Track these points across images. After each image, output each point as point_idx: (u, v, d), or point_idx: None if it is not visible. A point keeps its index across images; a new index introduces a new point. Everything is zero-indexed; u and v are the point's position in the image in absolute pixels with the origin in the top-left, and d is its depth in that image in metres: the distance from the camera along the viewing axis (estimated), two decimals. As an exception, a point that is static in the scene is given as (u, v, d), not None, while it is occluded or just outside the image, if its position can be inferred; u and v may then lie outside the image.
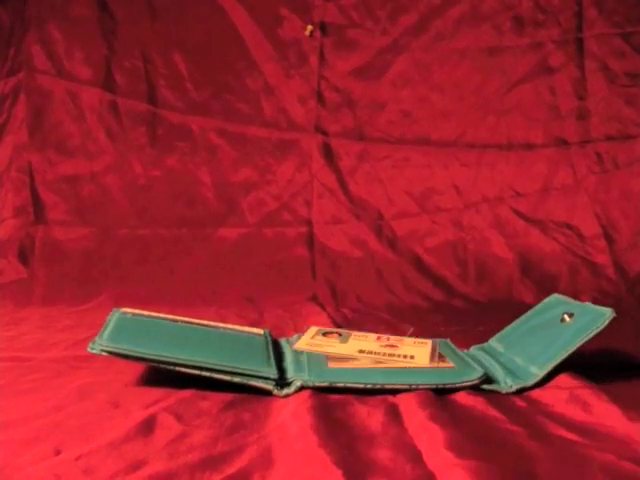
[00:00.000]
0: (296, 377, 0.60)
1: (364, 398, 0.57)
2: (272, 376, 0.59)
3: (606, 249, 1.16)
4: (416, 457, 0.44)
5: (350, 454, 0.44)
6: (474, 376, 0.59)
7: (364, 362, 0.63)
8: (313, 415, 0.51)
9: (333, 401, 0.56)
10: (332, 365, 0.63)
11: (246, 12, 1.32)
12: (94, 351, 0.58)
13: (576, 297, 1.09)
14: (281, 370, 0.62)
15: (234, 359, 0.60)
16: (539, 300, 1.11)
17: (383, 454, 0.45)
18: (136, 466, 0.42)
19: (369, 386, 0.58)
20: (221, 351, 0.62)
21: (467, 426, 0.49)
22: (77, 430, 0.48)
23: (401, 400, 0.56)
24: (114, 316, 0.67)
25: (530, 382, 0.60)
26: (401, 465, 0.43)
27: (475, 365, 0.63)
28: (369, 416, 0.52)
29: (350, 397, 0.57)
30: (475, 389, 0.58)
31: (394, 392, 0.57)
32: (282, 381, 0.60)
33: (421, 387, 0.57)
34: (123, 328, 0.64)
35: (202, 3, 1.33)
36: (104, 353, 0.58)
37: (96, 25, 1.35)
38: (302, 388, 0.58)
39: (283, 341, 0.74)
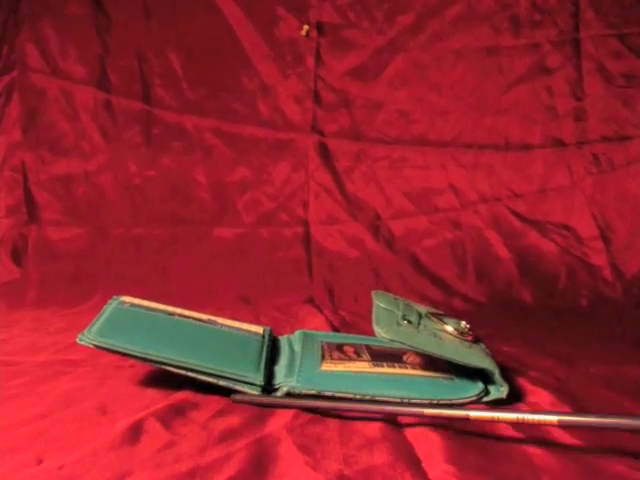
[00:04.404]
0: (283, 383, 0.59)
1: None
2: (257, 382, 0.58)
3: (603, 250, 1.15)
4: (416, 465, 0.43)
5: (345, 463, 0.44)
6: (472, 393, 0.57)
7: (360, 365, 0.62)
8: (307, 422, 0.51)
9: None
10: (325, 367, 0.61)
11: (242, 11, 1.31)
12: (82, 343, 0.58)
13: (574, 299, 1.11)
14: (271, 374, 0.61)
15: (222, 362, 0.59)
16: (538, 300, 1.12)
17: (382, 460, 0.44)
18: (121, 476, 0.41)
19: (358, 396, 0.57)
20: (211, 352, 0.61)
21: (468, 435, 0.48)
22: (61, 438, 0.47)
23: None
24: (111, 306, 0.66)
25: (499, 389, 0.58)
26: (401, 472, 0.42)
27: (476, 379, 0.59)
28: (367, 420, 0.52)
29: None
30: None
31: (385, 403, 0.56)
32: (269, 386, 0.59)
33: (413, 401, 0.56)
34: (115, 321, 0.63)
35: (198, 2, 1.33)
36: (91, 346, 0.58)
37: (91, 24, 1.34)
38: (289, 394, 0.58)
39: (283, 339, 0.73)
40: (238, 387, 0.58)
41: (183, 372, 0.58)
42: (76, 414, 0.53)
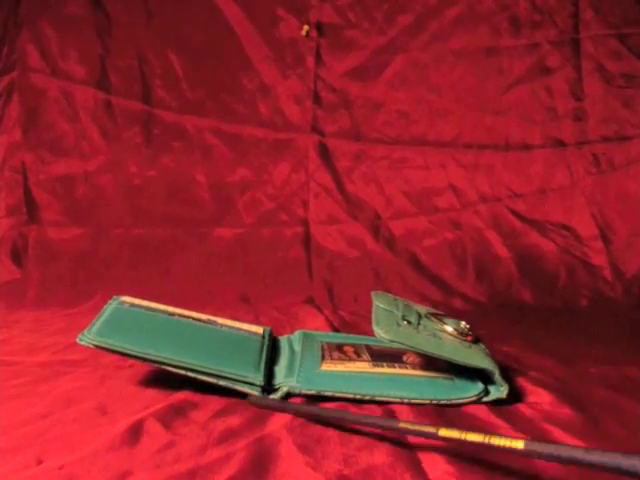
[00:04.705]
0: (283, 383, 0.59)
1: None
2: (257, 382, 0.58)
3: (603, 250, 1.15)
4: (416, 465, 0.43)
5: (345, 463, 0.44)
6: (472, 393, 0.57)
7: (360, 365, 0.62)
8: (306, 422, 0.51)
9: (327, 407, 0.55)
10: (325, 367, 0.61)
11: (242, 12, 1.31)
12: (82, 342, 0.58)
13: (574, 299, 1.11)
14: (271, 374, 0.62)
15: (222, 362, 0.59)
16: (538, 300, 1.12)
17: (382, 460, 0.44)
18: (121, 476, 0.41)
19: (358, 396, 0.57)
20: (211, 352, 0.61)
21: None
22: (61, 438, 0.47)
23: (398, 406, 0.55)
24: (111, 306, 0.66)
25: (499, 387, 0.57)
26: (401, 473, 0.42)
27: (476, 379, 0.59)
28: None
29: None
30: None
31: (385, 403, 0.56)
32: (269, 387, 0.59)
33: (413, 402, 0.56)
34: (115, 321, 0.63)
35: (198, 3, 1.33)
36: (91, 346, 0.58)
37: (91, 24, 1.34)
38: (289, 395, 0.58)
39: (283, 339, 0.73)
40: (238, 387, 0.58)
41: (182, 372, 0.58)
42: (76, 414, 0.53)
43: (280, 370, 0.63)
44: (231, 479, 0.41)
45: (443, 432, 0.42)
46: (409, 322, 0.61)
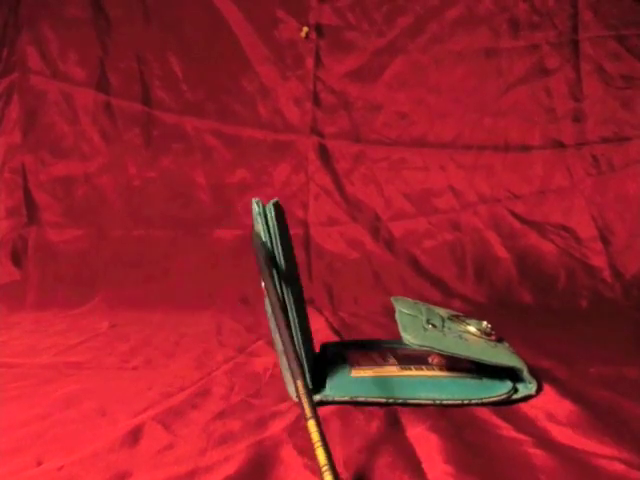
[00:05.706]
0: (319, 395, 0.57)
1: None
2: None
3: (602, 251, 1.15)
4: (416, 466, 0.43)
5: (345, 466, 0.44)
6: (502, 391, 0.56)
7: (389, 370, 0.61)
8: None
9: (329, 410, 0.55)
10: (355, 373, 0.61)
11: (242, 14, 1.31)
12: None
13: (573, 299, 1.11)
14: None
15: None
16: (538, 301, 1.12)
17: (381, 461, 0.44)
18: (120, 477, 0.41)
19: (391, 400, 0.56)
20: None
21: (469, 436, 0.48)
22: (61, 439, 0.47)
23: (400, 407, 0.55)
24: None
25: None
26: (399, 474, 0.42)
27: (503, 377, 0.59)
28: (368, 423, 0.52)
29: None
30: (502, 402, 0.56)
31: (417, 406, 0.56)
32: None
33: (445, 403, 0.55)
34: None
35: (198, 4, 1.33)
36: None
37: (90, 26, 1.34)
38: (322, 403, 0.56)
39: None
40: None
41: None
42: (76, 415, 0.53)
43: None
44: (228, 478, 0.41)
45: (310, 424, 0.40)
46: (434, 325, 0.61)
